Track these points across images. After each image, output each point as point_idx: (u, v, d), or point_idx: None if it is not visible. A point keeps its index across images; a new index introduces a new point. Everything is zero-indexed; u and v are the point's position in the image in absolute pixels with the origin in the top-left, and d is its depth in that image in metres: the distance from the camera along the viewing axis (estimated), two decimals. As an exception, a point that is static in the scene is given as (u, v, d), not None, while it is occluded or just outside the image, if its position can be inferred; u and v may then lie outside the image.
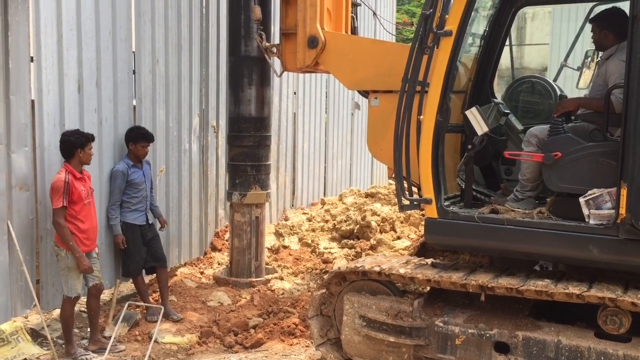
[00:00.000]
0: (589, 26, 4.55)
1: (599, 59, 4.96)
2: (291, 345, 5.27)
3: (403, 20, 17.76)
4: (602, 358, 3.69)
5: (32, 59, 4.93)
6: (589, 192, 3.81)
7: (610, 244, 3.73)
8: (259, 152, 6.77)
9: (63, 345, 4.98)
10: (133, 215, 5.72)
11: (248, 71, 6.62)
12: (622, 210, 3.61)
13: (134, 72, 6.09)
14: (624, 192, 3.60)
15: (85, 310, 5.29)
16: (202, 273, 7.14)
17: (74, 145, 4.87)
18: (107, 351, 4.93)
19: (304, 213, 9.45)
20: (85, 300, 5.15)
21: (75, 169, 4.88)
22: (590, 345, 3.74)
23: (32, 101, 5.00)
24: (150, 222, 5.88)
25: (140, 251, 5.77)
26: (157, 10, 6.34)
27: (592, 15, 4.55)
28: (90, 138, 5.00)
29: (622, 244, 3.69)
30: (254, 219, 6.80)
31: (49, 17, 5.03)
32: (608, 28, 4.21)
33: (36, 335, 5.07)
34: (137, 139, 5.70)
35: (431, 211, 4.21)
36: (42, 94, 5.02)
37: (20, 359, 4.69)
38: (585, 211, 3.81)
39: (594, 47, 4.68)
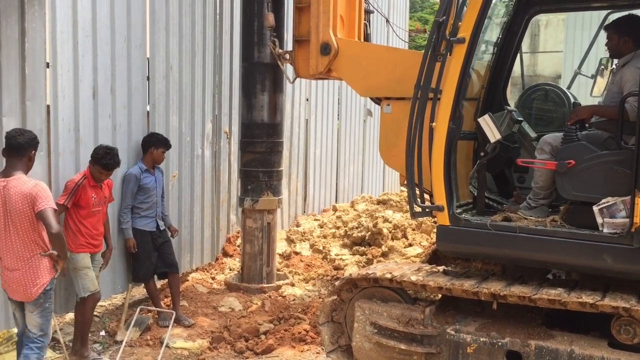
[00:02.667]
0: (603, 34, 4.54)
1: (613, 66, 4.93)
2: (302, 351, 5.27)
3: (416, 27, 17.78)
4: (616, 368, 3.65)
5: (47, 65, 4.99)
6: (603, 200, 3.79)
7: (624, 253, 3.70)
8: (271, 158, 6.79)
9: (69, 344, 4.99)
10: (143, 221, 5.74)
11: (261, 77, 6.65)
12: (637, 219, 3.59)
13: (147, 79, 6.14)
14: (638, 200, 3.58)
15: (97, 314, 5.32)
16: (213, 278, 7.15)
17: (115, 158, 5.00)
18: (118, 356, 4.95)
19: (315, 219, 9.45)
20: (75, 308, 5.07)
21: (93, 176, 4.93)
22: (604, 355, 3.70)
23: (48, 107, 5.05)
24: (161, 228, 5.90)
25: (150, 257, 5.79)
26: (172, 18, 6.39)
27: (607, 23, 4.53)
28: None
29: (637, 253, 3.66)
30: (266, 225, 6.82)
31: (65, 23, 5.09)
32: (628, 34, 4.19)
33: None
34: (159, 144, 5.76)
35: (443, 218, 4.20)
36: (58, 100, 5.08)
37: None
38: (599, 220, 3.78)
39: (608, 55, 4.66)
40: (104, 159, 4.94)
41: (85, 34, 5.29)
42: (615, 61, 4.60)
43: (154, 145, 5.75)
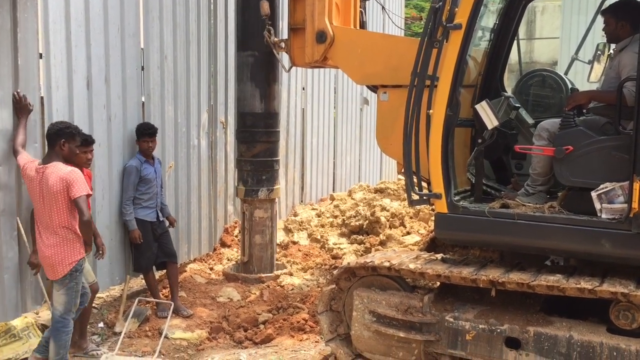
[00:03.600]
0: (599, 18, 4.50)
1: (610, 52, 4.91)
2: (301, 340, 5.27)
3: (412, 14, 17.69)
4: (615, 353, 3.66)
5: (40, 56, 4.95)
6: (601, 186, 3.78)
7: (623, 238, 3.70)
8: (277, 147, 6.88)
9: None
10: (144, 212, 5.74)
11: (272, 66, 6.62)
12: (635, 205, 3.58)
13: (142, 69, 6.10)
14: (636, 185, 3.57)
15: (95, 306, 5.31)
16: (211, 269, 7.15)
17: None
18: (117, 347, 4.95)
19: (313, 209, 9.44)
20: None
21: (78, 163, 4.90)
22: (603, 341, 3.71)
23: (42, 98, 5.01)
24: (161, 218, 5.90)
25: (151, 247, 5.79)
26: (165, 7, 6.34)
27: (603, 7, 4.49)
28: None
29: (635, 238, 3.66)
30: (275, 214, 6.89)
31: (57, 13, 5.04)
32: (625, 19, 4.16)
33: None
34: (138, 135, 5.74)
35: (441, 206, 4.19)
36: (51, 91, 5.04)
37: (31, 354, 4.72)
38: (597, 205, 3.78)
39: (605, 40, 4.63)
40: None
41: (78, 24, 5.24)
42: (613, 46, 4.56)
43: (136, 136, 5.77)
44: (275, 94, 6.76)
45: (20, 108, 4.65)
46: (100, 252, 5.22)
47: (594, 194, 3.78)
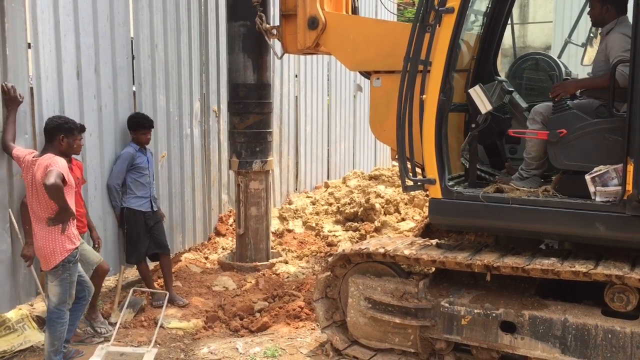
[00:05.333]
0: (591, 1, 4.47)
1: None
2: (297, 328, 5.27)
3: (405, 0, 17.58)
4: (610, 336, 3.67)
5: (29, 46, 4.88)
6: (595, 169, 3.78)
7: (617, 221, 3.70)
8: (270, 118, 6.87)
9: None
10: (138, 202, 5.70)
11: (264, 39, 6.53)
12: (629, 187, 3.58)
13: (132, 58, 6.03)
14: (630, 168, 3.57)
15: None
16: (206, 258, 7.14)
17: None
18: (112, 337, 4.94)
19: (307, 196, 9.42)
20: None
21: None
22: (598, 323, 3.72)
23: (31, 88, 4.95)
24: (154, 208, 5.86)
25: (143, 239, 5.75)
26: (155, -6, 6.26)
27: None
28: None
29: (629, 220, 3.66)
30: (270, 185, 6.92)
31: (45, 2, 4.96)
32: (610, 2, 4.14)
33: (42, 322, 5.07)
34: (136, 127, 5.68)
35: (435, 191, 4.18)
36: (41, 81, 4.97)
37: (27, 346, 4.71)
38: (592, 188, 3.77)
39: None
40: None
41: (67, 12, 5.16)
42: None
43: (131, 128, 5.70)
44: (268, 65, 6.71)
45: (10, 99, 4.59)
46: (97, 245, 5.21)
47: (588, 177, 3.78)
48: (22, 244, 4.71)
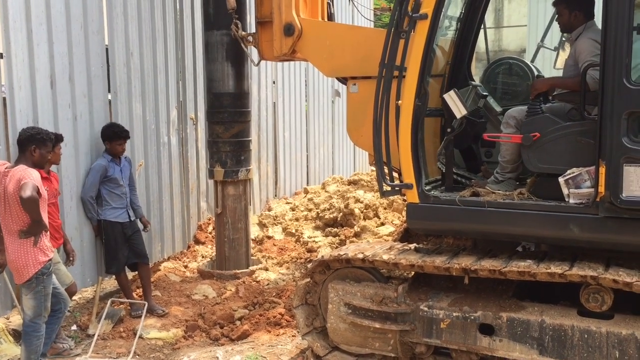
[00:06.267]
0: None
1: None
2: (277, 335, 5.26)
3: (381, 5, 17.69)
4: (586, 336, 3.72)
5: (1, 56, 4.83)
6: (568, 171, 3.82)
7: (591, 222, 3.75)
8: (250, 127, 6.91)
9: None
10: (115, 213, 5.65)
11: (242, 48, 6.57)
12: (601, 189, 3.63)
13: (107, 66, 5.99)
14: (602, 170, 3.62)
15: (68, 309, 5.21)
16: (186, 267, 7.08)
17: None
18: (91, 349, 4.88)
19: (287, 203, 9.41)
20: None
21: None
22: (574, 324, 3.77)
23: (4, 98, 4.89)
24: (132, 218, 5.81)
25: (121, 249, 5.70)
26: (130, 3, 6.23)
27: None
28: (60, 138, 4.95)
29: (602, 222, 3.71)
30: (248, 193, 7.03)
31: (17, 12, 4.92)
32: (578, 9, 4.22)
33: (18, 336, 4.99)
34: (112, 137, 5.61)
35: (412, 196, 4.20)
36: (14, 91, 4.92)
37: (3, 360, 4.64)
38: (565, 191, 3.82)
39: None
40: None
41: (40, 21, 5.12)
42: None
43: (107, 139, 5.62)
44: (246, 73, 6.74)
45: None
46: (71, 258, 5.15)
47: (561, 180, 3.83)
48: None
